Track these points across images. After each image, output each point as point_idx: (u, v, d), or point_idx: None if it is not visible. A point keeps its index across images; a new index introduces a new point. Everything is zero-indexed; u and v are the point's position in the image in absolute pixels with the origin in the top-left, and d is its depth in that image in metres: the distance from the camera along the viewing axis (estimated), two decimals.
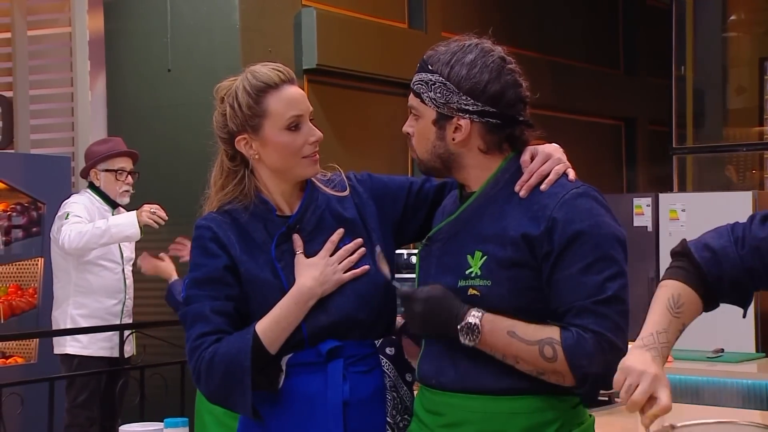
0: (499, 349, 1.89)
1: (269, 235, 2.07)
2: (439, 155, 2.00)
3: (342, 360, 2.03)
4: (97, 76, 6.19)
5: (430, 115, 1.99)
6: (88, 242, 4.61)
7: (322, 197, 2.13)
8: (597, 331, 1.85)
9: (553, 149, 2.01)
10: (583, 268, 1.86)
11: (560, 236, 1.87)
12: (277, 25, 5.82)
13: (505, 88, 1.96)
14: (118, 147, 4.90)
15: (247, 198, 2.09)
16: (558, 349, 1.85)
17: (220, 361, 1.96)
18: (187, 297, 2.05)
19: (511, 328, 1.87)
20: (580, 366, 1.85)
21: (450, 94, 1.95)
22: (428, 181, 2.19)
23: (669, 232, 6.20)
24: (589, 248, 1.86)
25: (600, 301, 1.85)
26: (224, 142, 2.12)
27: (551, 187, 1.93)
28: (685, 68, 7.79)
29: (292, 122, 2.06)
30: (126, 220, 4.69)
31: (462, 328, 1.88)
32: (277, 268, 2.05)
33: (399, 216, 2.17)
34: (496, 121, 1.96)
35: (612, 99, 9.06)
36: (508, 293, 1.89)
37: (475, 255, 1.93)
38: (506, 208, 1.94)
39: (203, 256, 2.05)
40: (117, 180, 4.83)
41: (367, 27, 6.38)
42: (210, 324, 2.00)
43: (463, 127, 1.96)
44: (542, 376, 1.88)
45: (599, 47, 9.14)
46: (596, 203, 1.91)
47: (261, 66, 2.10)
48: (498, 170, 1.99)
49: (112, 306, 4.84)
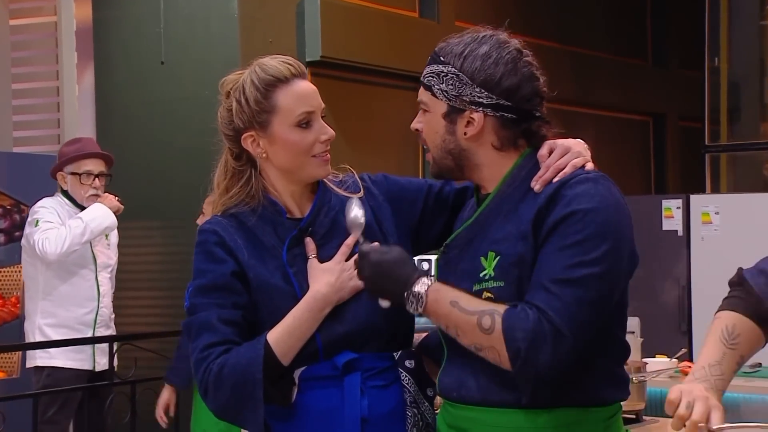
0: (441, 319, 1.94)
1: (279, 239, 2.09)
2: (449, 151, 2.02)
3: (359, 373, 2.05)
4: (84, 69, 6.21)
5: (441, 109, 2.01)
6: (71, 245, 4.64)
7: (335, 199, 2.15)
8: (541, 308, 1.85)
9: (574, 143, 2.03)
10: (560, 247, 1.88)
11: (555, 215, 1.90)
12: (278, 14, 5.84)
13: (521, 82, 1.98)
14: (85, 148, 4.87)
15: (254, 200, 2.11)
16: (497, 320, 1.87)
17: (230, 374, 1.98)
18: (192, 306, 2.07)
19: (455, 299, 1.93)
20: (514, 339, 1.85)
21: (462, 86, 1.98)
22: (448, 184, 2.22)
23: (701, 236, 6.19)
24: (574, 230, 1.88)
25: (557, 281, 1.86)
26: (229, 139, 2.14)
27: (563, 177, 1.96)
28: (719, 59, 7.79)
29: (303, 119, 2.08)
30: (99, 211, 4.74)
31: (407, 295, 1.95)
32: (288, 274, 2.07)
33: (417, 220, 2.19)
34: (511, 115, 1.99)
35: (639, 93, 9.06)
36: (519, 292, 1.92)
37: (488, 256, 1.96)
38: (521, 206, 1.97)
39: (208, 261, 2.07)
40: (82, 184, 4.82)
41: (374, 16, 6.39)
42: (217, 334, 2.01)
43: (475, 121, 1.99)
44: (480, 352, 1.91)
45: (625, 36, 9.14)
46: (604, 190, 1.92)
47: (270, 59, 2.12)
48: (513, 167, 2.01)
49: (83, 315, 4.81)
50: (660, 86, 9.28)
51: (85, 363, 4.78)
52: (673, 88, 9.33)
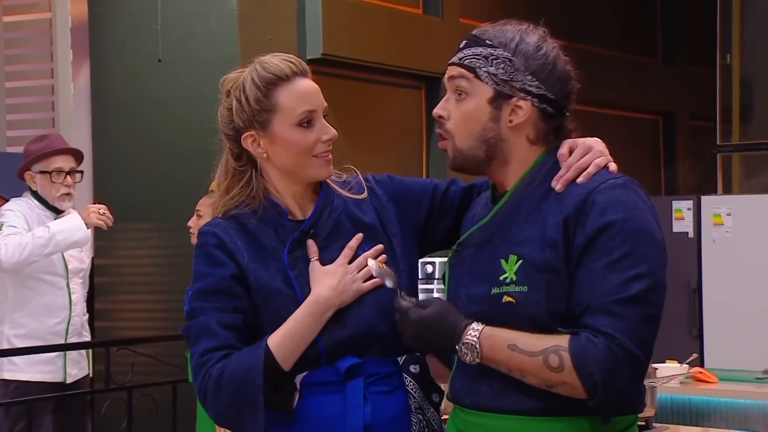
0: (502, 364, 1.91)
1: (281, 241, 2.10)
2: (487, 140, 1.99)
3: (362, 379, 2.05)
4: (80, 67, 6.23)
5: (486, 93, 1.99)
6: (30, 255, 4.44)
7: (338, 200, 2.15)
8: (609, 334, 1.84)
9: (594, 142, 2.03)
10: (607, 263, 1.87)
11: (590, 226, 1.89)
12: (278, 10, 5.85)
13: (565, 77, 2.01)
14: (53, 144, 4.72)
15: (255, 201, 2.12)
16: (565, 357, 1.85)
17: (229, 379, 1.98)
18: (191, 309, 2.07)
19: (512, 341, 1.90)
20: (589, 374, 1.83)
21: (515, 71, 1.97)
22: (453, 183, 2.22)
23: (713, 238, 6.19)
24: (618, 242, 1.87)
25: (619, 300, 1.85)
26: (229, 139, 2.15)
27: (589, 179, 1.95)
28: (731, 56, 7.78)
29: (304, 118, 2.09)
30: (70, 224, 4.52)
31: (461, 347, 1.92)
32: (290, 277, 2.07)
33: (422, 221, 2.19)
34: (551, 109, 2.00)
35: (649, 91, 9.06)
36: (546, 299, 1.90)
37: (509, 259, 1.94)
38: (543, 207, 1.96)
39: (208, 264, 2.07)
40: (53, 182, 4.64)
41: (377, 13, 6.40)
42: (217, 338, 2.02)
43: (522, 110, 1.98)
44: (552, 389, 1.89)
45: (634, 33, 9.14)
46: (635, 196, 1.93)
47: (271, 56, 2.12)
48: (533, 166, 2.01)
49: (54, 325, 4.67)
50: (670, 84, 9.28)
51: (56, 375, 4.66)
52: (683, 86, 9.32)
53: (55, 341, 4.64)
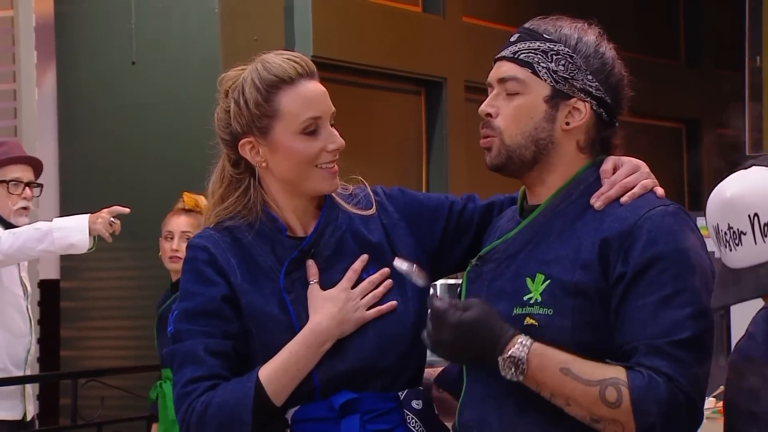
0: (547, 388, 1.89)
1: (277, 260, 2.09)
2: (537, 140, 1.99)
3: (358, 416, 2.04)
4: (45, 70, 6.22)
5: (542, 91, 1.99)
6: (24, 245, 4.34)
7: (342, 216, 2.14)
8: (673, 377, 1.84)
9: (640, 163, 2.04)
10: (660, 299, 1.87)
11: (638, 257, 1.88)
12: (264, 8, 5.87)
13: (621, 83, 2.04)
14: (11, 152, 4.65)
15: (251, 213, 2.10)
16: (624, 393, 1.84)
17: (215, 414, 1.98)
18: (176, 332, 2.06)
19: (565, 364, 1.88)
20: (647, 414, 1.83)
21: (576, 69, 1.98)
22: (471, 200, 2.21)
23: None
24: (670, 277, 1.88)
25: (677, 342, 1.86)
26: (226, 144, 2.13)
27: (634, 201, 1.95)
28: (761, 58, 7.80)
29: (309, 125, 2.08)
30: (74, 223, 4.41)
31: (504, 360, 1.88)
32: (286, 302, 2.06)
33: (437, 242, 2.17)
34: (606, 115, 2.01)
35: (671, 96, 9.09)
36: (572, 326, 1.90)
37: (536, 278, 1.94)
38: (578, 225, 1.96)
39: (197, 282, 2.06)
40: (10, 194, 4.53)
41: (372, 11, 6.42)
42: (203, 367, 2.01)
43: (581, 112, 1.99)
44: (597, 424, 1.89)
45: (654, 32, 9.17)
46: (686, 227, 1.94)
47: (274, 55, 2.11)
48: (571, 180, 2.01)
49: (18, 352, 4.53)
50: (694, 89, 9.31)
51: (15, 412, 4.55)
52: (708, 90, 9.36)
53: (16, 373, 4.56)
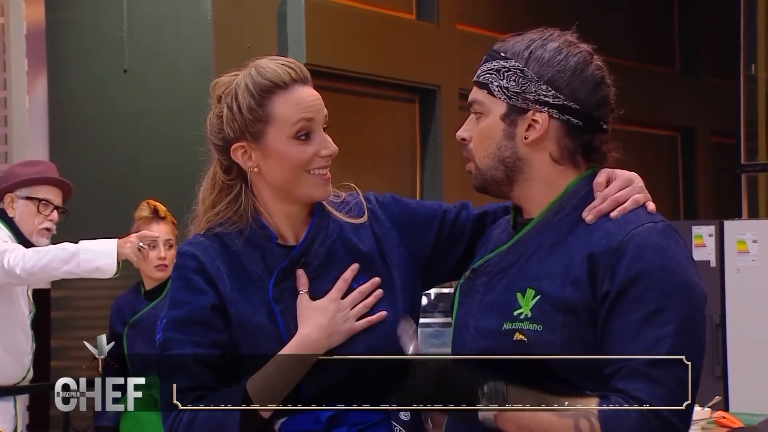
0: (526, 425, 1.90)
1: (267, 269, 2.09)
2: (503, 159, 2.01)
3: (345, 428, 2.05)
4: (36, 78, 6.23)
5: (499, 109, 2.00)
6: (48, 264, 4.29)
7: (333, 224, 2.14)
8: (644, 400, 1.85)
9: (634, 176, 2.04)
10: (643, 317, 1.87)
11: (623, 274, 1.89)
12: (257, 15, 5.87)
13: (592, 85, 2.02)
14: (47, 172, 4.66)
15: (242, 220, 2.11)
16: (595, 424, 1.85)
17: (202, 425, 1.99)
18: (165, 340, 2.07)
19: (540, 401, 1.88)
20: None
21: (527, 82, 1.99)
22: (464, 209, 2.22)
23: (737, 268, 6.21)
24: (654, 294, 1.88)
25: (656, 362, 1.86)
26: (219, 150, 2.14)
27: (624, 216, 1.96)
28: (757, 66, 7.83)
29: (301, 130, 2.09)
30: (102, 246, 4.34)
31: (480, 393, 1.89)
32: (274, 312, 2.07)
33: (429, 251, 2.18)
34: (577, 121, 2.01)
35: (666, 104, 9.11)
36: (561, 343, 1.91)
37: (526, 293, 1.95)
38: (569, 240, 1.96)
39: (186, 291, 2.07)
40: (39, 213, 4.54)
41: (366, 18, 6.43)
42: (191, 377, 2.02)
43: (539, 123, 1.99)
44: None
45: (650, 41, 9.19)
46: (674, 244, 1.94)
47: (268, 60, 2.12)
48: (564, 192, 2.01)
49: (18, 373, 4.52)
50: (689, 97, 9.33)
51: (7, 426, 4.49)
52: (704, 98, 9.38)
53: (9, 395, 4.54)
